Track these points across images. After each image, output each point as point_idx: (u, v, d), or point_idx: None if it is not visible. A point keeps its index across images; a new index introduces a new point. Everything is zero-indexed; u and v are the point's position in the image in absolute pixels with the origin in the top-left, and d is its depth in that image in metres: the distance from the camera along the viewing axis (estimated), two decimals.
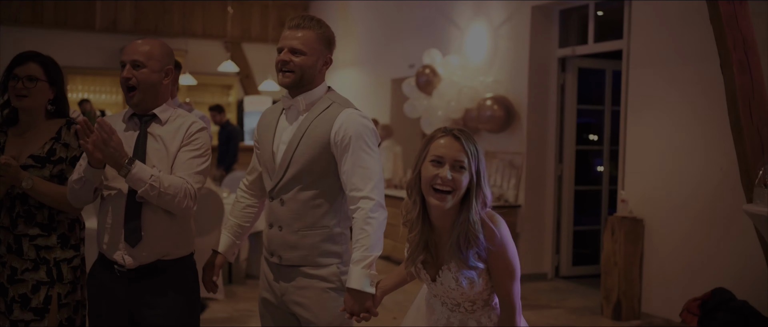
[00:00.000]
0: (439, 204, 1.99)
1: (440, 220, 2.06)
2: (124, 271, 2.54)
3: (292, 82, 2.45)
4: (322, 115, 2.44)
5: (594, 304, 5.89)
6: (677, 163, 5.22)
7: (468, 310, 2.12)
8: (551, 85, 6.81)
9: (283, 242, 2.46)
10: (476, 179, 2.01)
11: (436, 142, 2.03)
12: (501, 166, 7.02)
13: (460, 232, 2.00)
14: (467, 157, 2.00)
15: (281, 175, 2.46)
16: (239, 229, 2.69)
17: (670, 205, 5.26)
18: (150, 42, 2.60)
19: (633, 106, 5.61)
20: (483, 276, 2.05)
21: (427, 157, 2.03)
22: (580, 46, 6.62)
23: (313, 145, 2.41)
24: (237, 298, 5.80)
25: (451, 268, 2.03)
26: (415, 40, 8.40)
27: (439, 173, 1.98)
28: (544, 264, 6.89)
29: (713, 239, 4.94)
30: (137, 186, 2.42)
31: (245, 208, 2.69)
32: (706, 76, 4.91)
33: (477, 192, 2.01)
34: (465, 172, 1.99)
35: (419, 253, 2.10)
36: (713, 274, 4.85)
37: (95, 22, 10.63)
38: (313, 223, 2.43)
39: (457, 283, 2.03)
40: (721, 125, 4.71)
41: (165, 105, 2.63)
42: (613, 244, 5.46)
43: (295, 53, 2.43)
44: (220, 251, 2.67)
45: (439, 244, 2.09)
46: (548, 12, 6.76)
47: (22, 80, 2.69)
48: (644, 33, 5.51)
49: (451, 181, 1.98)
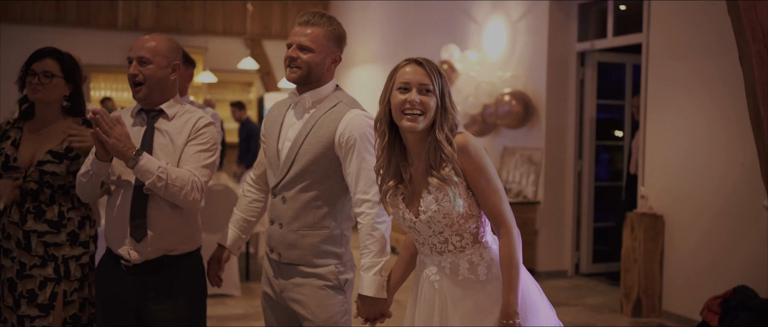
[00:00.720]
0: (412, 125, 2.04)
1: (414, 144, 2.11)
2: (130, 266, 2.55)
3: (299, 78, 2.44)
4: (327, 114, 2.42)
5: (614, 301, 5.80)
6: (698, 158, 5.12)
7: (457, 248, 2.11)
8: (570, 80, 6.72)
9: (282, 240, 2.46)
10: (441, 102, 2.07)
11: (401, 70, 2.10)
12: (519, 161, 6.95)
13: (429, 150, 2.06)
14: (432, 80, 2.07)
15: (285, 172, 2.45)
16: (245, 224, 2.69)
17: (690, 201, 5.16)
18: (156, 37, 2.60)
19: (653, 100, 5.52)
20: (463, 193, 2.06)
21: (394, 86, 2.09)
22: (599, 40, 6.53)
23: (317, 145, 2.40)
24: (253, 295, 5.82)
25: (430, 190, 2.06)
26: (434, 35, 8.35)
27: (408, 98, 2.05)
28: (564, 261, 6.81)
29: (735, 236, 4.84)
30: (145, 178, 2.43)
31: (251, 202, 2.69)
32: (726, 70, 4.81)
33: (443, 113, 2.07)
34: (432, 95, 2.06)
35: (390, 179, 2.13)
36: (735, 272, 4.75)
37: (117, 21, 10.73)
38: (313, 224, 2.42)
39: (438, 203, 2.04)
40: (742, 119, 4.60)
41: (172, 100, 2.64)
42: (632, 241, 5.37)
43: (303, 50, 2.42)
44: (226, 245, 2.69)
45: (415, 175, 2.12)
46: (567, 6, 6.67)
47: (39, 75, 2.74)
48: (664, 26, 5.41)
49: (420, 103, 2.05)
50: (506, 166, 7.13)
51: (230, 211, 5.65)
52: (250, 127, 9.61)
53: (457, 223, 2.08)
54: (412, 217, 2.12)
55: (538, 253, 6.72)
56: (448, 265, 2.12)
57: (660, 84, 5.45)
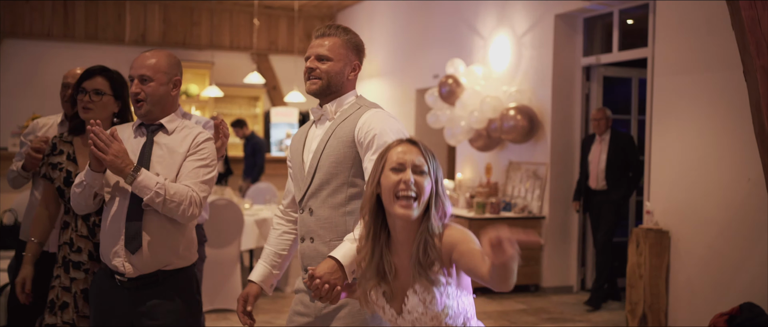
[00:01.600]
0: (406, 212, 1.87)
1: (403, 233, 1.93)
2: (125, 280, 2.54)
3: (320, 89, 2.40)
4: (349, 118, 2.38)
5: (619, 317, 5.75)
6: (704, 173, 5.08)
7: None
8: (576, 95, 6.71)
9: (316, 255, 2.32)
10: (435, 187, 1.92)
11: (393, 150, 1.95)
12: (524, 177, 6.92)
13: (420, 244, 1.89)
14: (426, 161, 1.92)
15: (309, 181, 2.38)
16: (277, 258, 2.51)
17: (696, 216, 5.12)
18: (157, 54, 2.62)
19: (658, 115, 5.49)
20: (454, 292, 1.91)
21: (386, 166, 1.93)
22: (604, 54, 6.51)
23: (338, 146, 2.34)
24: (257, 310, 5.79)
25: (416, 290, 1.89)
26: (439, 49, 8.35)
27: (402, 178, 1.88)
28: (570, 277, 6.76)
29: (741, 252, 4.78)
30: (143, 193, 2.44)
31: (281, 235, 2.54)
32: (733, 84, 4.78)
33: (436, 200, 1.91)
34: (427, 177, 1.91)
35: (372, 276, 1.95)
36: (742, 288, 4.69)
37: (125, 36, 10.79)
38: (345, 232, 2.28)
39: (425, 306, 1.86)
40: (748, 134, 4.56)
41: (173, 115, 2.66)
42: (638, 257, 5.33)
43: (322, 60, 2.39)
44: (255, 280, 2.48)
45: (400, 268, 1.94)
46: (572, 20, 6.67)
47: (89, 94, 2.81)
48: (669, 40, 5.39)
49: (416, 184, 1.88)
50: (511, 181, 7.10)
51: (235, 226, 5.72)
52: (255, 142, 9.61)
53: (446, 324, 1.91)
54: (393, 313, 1.95)
55: (544, 269, 6.68)
56: None
57: (665, 98, 5.42)
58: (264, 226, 6.30)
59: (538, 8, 6.82)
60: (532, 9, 6.91)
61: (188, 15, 11.10)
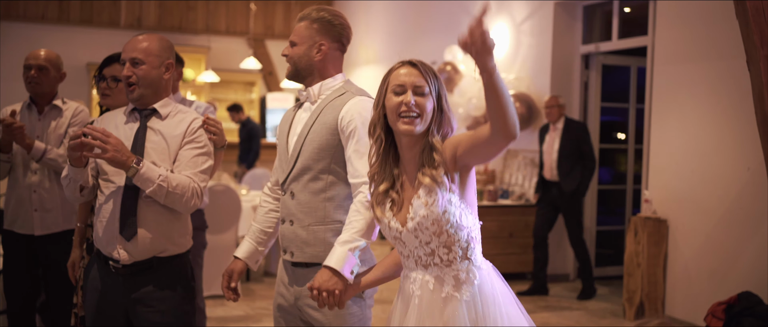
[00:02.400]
0: (409, 128, 1.96)
1: (408, 149, 2.02)
2: (120, 267, 2.53)
3: (289, 74, 2.48)
4: (333, 102, 2.38)
5: (616, 306, 5.77)
6: (703, 162, 5.08)
7: (444, 262, 1.95)
8: (575, 83, 6.69)
9: (294, 238, 2.37)
10: (438, 104, 2.00)
11: (395, 72, 2.02)
12: (522, 164, 6.91)
13: (423, 152, 1.98)
14: (427, 82, 1.99)
15: (292, 164, 2.39)
16: (262, 235, 2.55)
17: (695, 205, 5.13)
18: (149, 38, 2.59)
19: (657, 103, 5.48)
20: (457, 201, 1.95)
21: (389, 89, 2.01)
22: (604, 42, 6.50)
23: (322, 132, 2.35)
24: (254, 297, 5.79)
25: (420, 195, 1.95)
26: (437, 36, 8.32)
27: (403, 100, 1.97)
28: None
29: (740, 241, 4.80)
30: (145, 186, 2.42)
31: (268, 213, 2.57)
32: (732, 74, 4.77)
33: (440, 116, 2.00)
34: (428, 97, 1.98)
35: (381, 183, 2.05)
36: (739, 278, 4.71)
37: (120, 20, 10.71)
38: (324, 218, 2.34)
39: (427, 208, 1.91)
40: (748, 124, 4.57)
41: (166, 99, 2.63)
42: (636, 245, 5.34)
43: (291, 45, 2.45)
44: (240, 257, 2.53)
45: (407, 182, 2.03)
46: (572, 8, 6.64)
47: (108, 80, 2.83)
48: (669, 29, 5.38)
49: (416, 105, 1.96)
50: (509, 169, 7.10)
51: (232, 211, 5.69)
52: (251, 127, 9.58)
53: (446, 233, 1.94)
54: (398, 226, 1.99)
55: None
56: (431, 280, 1.96)
57: (665, 87, 5.41)
58: None
59: None
60: None
61: None
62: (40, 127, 3.44)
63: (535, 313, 5.49)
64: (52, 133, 3.43)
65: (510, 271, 6.40)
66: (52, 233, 3.46)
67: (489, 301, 1.95)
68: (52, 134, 3.43)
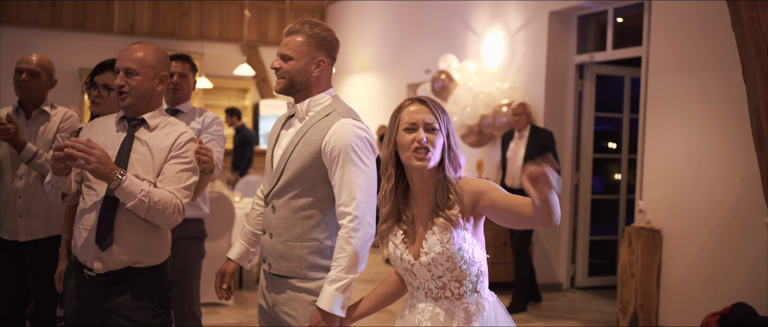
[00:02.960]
0: (422, 164, 2.01)
1: (421, 184, 2.06)
2: (94, 276, 2.51)
3: (283, 88, 2.42)
4: (319, 123, 2.37)
5: (610, 316, 5.76)
6: (697, 172, 5.09)
7: (454, 295, 2.02)
8: (569, 92, 6.70)
9: (273, 251, 2.41)
10: (447, 141, 2.05)
11: (405, 110, 2.07)
12: None
13: (436, 189, 2.03)
14: (437, 119, 2.04)
15: (275, 180, 2.41)
16: (253, 237, 2.60)
17: (689, 215, 5.13)
18: (144, 48, 2.57)
19: (652, 114, 5.49)
20: (470, 238, 2.01)
21: (400, 127, 2.05)
22: (598, 52, 6.51)
23: (305, 153, 2.35)
24: (247, 304, 5.75)
25: (435, 231, 2.00)
26: (432, 45, 8.32)
27: (416, 137, 2.01)
28: (560, 274, 6.77)
29: (734, 252, 4.80)
30: (127, 199, 2.40)
31: (259, 216, 2.59)
32: (727, 84, 4.79)
33: (449, 152, 2.04)
34: (438, 134, 2.03)
35: (388, 218, 2.09)
36: (733, 289, 4.71)
37: (113, 25, 10.68)
38: (302, 235, 2.36)
39: (442, 245, 1.98)
40: (742, 134, 4.58)
41: (156, 111, 2.61)
42: (630, 255, 5.34)
43: (285, 59, 2.40)
44: (232, 258, 2.60)
45: (419, 217, 2.07)
46: (566, 18, 6.66)
47: (99, 88, 2.78)
48: (664, 40, 5.40)
49: (428, 141, 2.01)
50: None
51: (226, 218, 5.66)
52: (245, 134, 9.56)
53: (459, 268, 2.00)
54: (410, 259, 2.04)
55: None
56: (442, 312, 2.02)
57: (659, 97, 5.42)
58: None
59: (533, 5, 6.81)
60: (527, 6, 6.90)
61: (178, 5, 11.00)
62: (28, 132, 3.41)
63: (528, 322, 5.48)
64: (39, 138, 3.40)
65: (505, 280, 6.38)
66: (38, 239, 3.42)
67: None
68: (39, 139, 3.40)
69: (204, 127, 3.52)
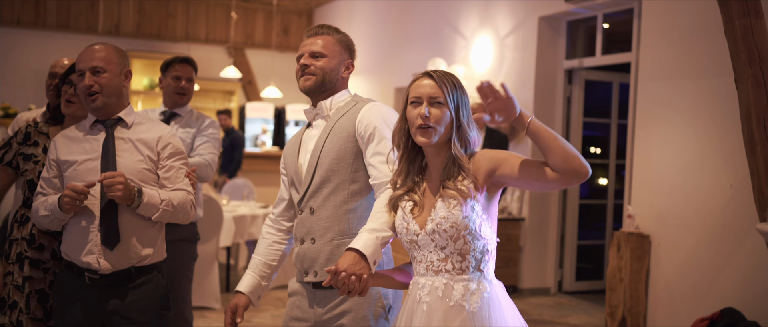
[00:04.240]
0: (425, 140, 1.99)
1: (433, 158, 2.06)
2: (96, 278, 2.48)
3: (314, 85, 2.38)
4: (346, 114, 2.35)
5: (598, 321, 5.78)
6: (686, 178, 5.12)
7: (456, 270, 1.96)
8: (557, 97, 6.73)
9: (317, 256, 2.27)
10: (455, 115, 2.00)
11: (414, 84, 2.06)
12: None
13: (447, 164, 2.01)
14: (443, 93, 2.00)
15: (309, 181, 2.32)
16: (266, 269, 2.43)
17: (678, 221, 5.16)
18: (105, 47, 2.59)
19: (641, 119, 5.52)
20: (480, 211, 1.97)
21: (408, 100, 2.05)
22: (587, 57, 6.54)
23: (338, 142, 2.30)
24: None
25: (443, 199, 1.98)
26: (420, 49, 8.32)
27: (419, 111, 2.00)
28: (547, 279, 6.79)
29: (722, 258, 4.83)
30: (149, 212, 2.45)
31: (271, 245, 2.47)
32: (716, 91, 4.82)
33: (458, 129, 2.01)
34: (443, 108, 2.00)
35: (402, 186, 2.07)
36: (722, 294, 4.74)
37: (98, 25, 10.56)
38: (349, 230, 2.25)
39: (448, 210, 1.95)
40: (731, 141, 4.61)
41: (129, 108, 2.63)
42: (618, 260, 5.36)
43: (316, 57, 2.38)
44: (244, 291, 2.40)
45: (430, 189, 2.05)
46: (555, 23, 6.68)
47: (75, 87, 2.73)
48: (653, 46, 5.43)
49: (429, 116, 1.99)
50: None
51: (214, 222, 5.61)
52: (234, 136, 9.51)
53: (463, 239, 1.94)
54: (416, 229, 1.99)
55: (522, 270, 6.69)
56: (441, 287, 1.95)
57: (648, 103, 5.45)
58: (241, 222, 6.21)
59: (522, 10, 6.83)
60: (516, 10, 6.91)
61: (163, 6, 10.91)
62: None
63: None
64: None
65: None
66: None
67: (497, 316, 1.95)
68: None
69: (200, 129, 3.49)
